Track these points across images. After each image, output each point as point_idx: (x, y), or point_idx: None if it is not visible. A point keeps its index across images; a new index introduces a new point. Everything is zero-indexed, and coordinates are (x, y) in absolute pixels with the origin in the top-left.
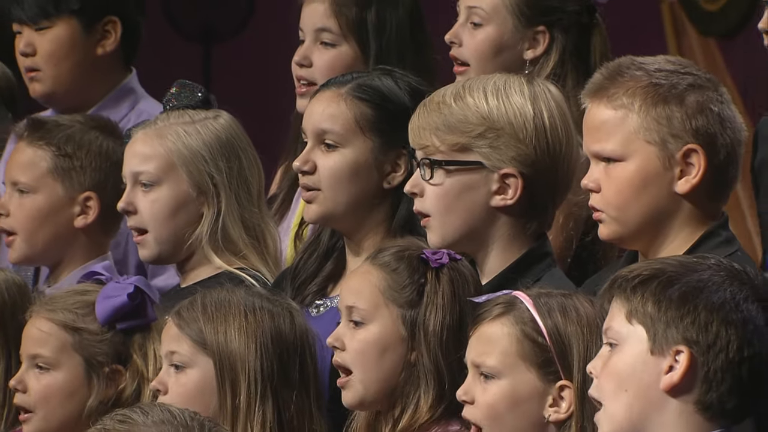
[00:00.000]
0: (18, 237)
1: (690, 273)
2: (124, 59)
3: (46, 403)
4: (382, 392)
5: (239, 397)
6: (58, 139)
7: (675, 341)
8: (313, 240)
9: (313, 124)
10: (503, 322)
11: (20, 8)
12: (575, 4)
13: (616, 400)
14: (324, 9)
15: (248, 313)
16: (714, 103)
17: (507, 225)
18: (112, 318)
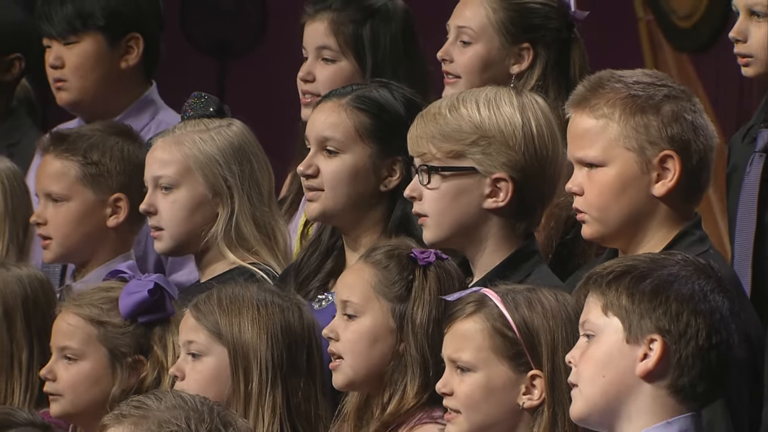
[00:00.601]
0: (54, 241)
1: (660, 268)
2: (145, 72)
3: (74, 390)
4: (371, 377)
5: (251, 384)
6: (83, 149)
7: (649, 331)
8: (315, 239)
9: (315, 132)
10: (475, 319)
11: (50, 24)
12: (556, 21)
13: (593, 384)
14: (324, 28)
15: (260, 307)
16: (688, 113)
17: (498, 225)
18: (134, 312)
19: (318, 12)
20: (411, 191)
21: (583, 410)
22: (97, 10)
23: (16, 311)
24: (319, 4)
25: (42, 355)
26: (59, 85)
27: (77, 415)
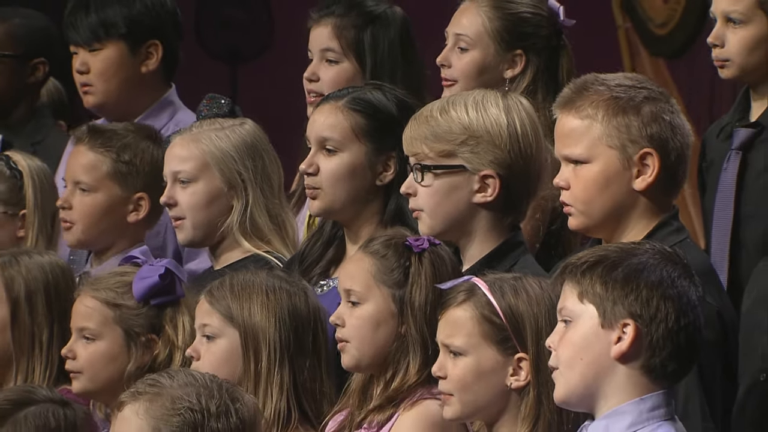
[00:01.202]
0: (76, 226)
1: (630, 257)
2: (164, 76)
3: (92, 368)
4: (376, 358)
5: (261, 363)
6: (117, 147)
7: (622, 316)
8: (318, 230)
9: (315, 132)
10: (465, 307)
11: (76, 32)
12: (546, 29)
13: (572, 367)
14: (328, 32)
15: (269, 292)
16: (666, 113)
17: (486, 218)
18: (147, 295)
19: (323, 17)
20: (406, 188)
21: (564, 393)
22: (119, 20)
23: (38, 295)
24: (324, 10)
25: (62, 336)
26: (85, 89)
27: (96, 391)
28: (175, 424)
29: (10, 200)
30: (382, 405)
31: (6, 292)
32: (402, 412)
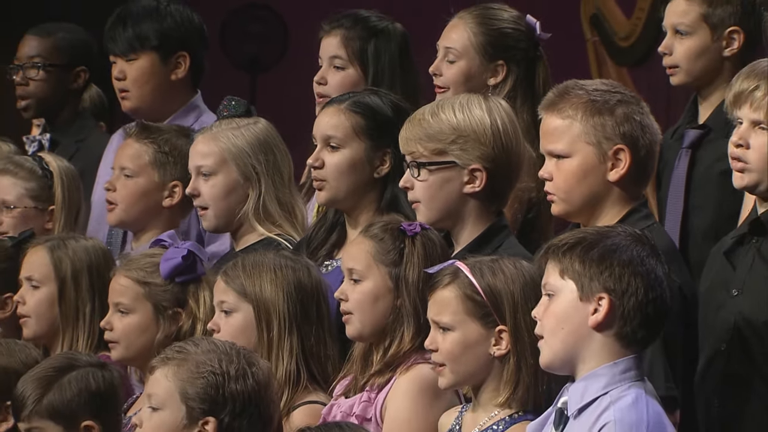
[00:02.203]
0: (119, 207)
1: (605, 239)
2: (191, 83)
3: (126, 337)
4: (376, 328)
5: (272, 332)
6: (159, 140)
7: (598, 290)
8: (322, 216)
9: (320, 131)
10: (450, 288)
11: (115, 45)
12: (525, 43)
13: (554, 335)
14: (336, 41)
15: (276, 269)
16: (637, 114)
17: (475, 206)
18: (172, 274)
19: (332, 28)
20: (405, 182)
21: (549, 358)
22: (152, 33)
23: (82, 274)
24: (334, 23)
25: (102, 310)
26: (123, 94)
27: (131, 358)
28: (199, 385)
29: (40, 197)
30: (382, 370)
31: (55, 271)
32: (398, 375)
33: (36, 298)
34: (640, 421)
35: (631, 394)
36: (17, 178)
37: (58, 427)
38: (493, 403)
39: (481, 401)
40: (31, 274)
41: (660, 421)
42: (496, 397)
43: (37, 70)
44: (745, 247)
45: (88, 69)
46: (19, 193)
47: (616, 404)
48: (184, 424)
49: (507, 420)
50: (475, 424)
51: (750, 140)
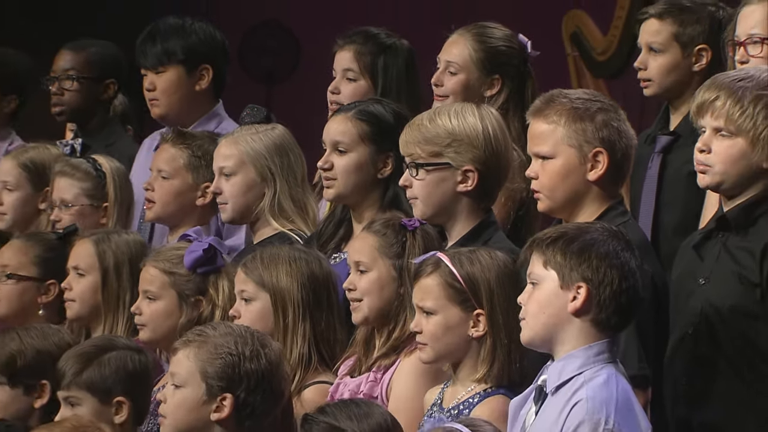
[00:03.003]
0: (156, 205)
1: (584, 234)
2: (214, 93)
3: (153, 321)
4: (381, 314)
5: (288, 318)
6: (193, 145)
7: (577, 280)
8: (331, 213)
9: (330, 137)
10: (433, 277)
11: (145, 59)
12: (517, 59)
13: (537, 318)
14: (349, 56)
15: (291, 261)
16: (614, 121)
17: (467, 204)
18: (194, 265)
19: (346, 44)
20: (404, 181)
21: (530, 336)
22: (178, 49)
23: (123, 265)
24: (347, 38)
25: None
26: (152, 103)
27: (157, 340)
28: (217, 365)
29: (95, 195)
30: (387, 352)
31: (99, 262)
32: (403, 357)
33: (81, 285)
34: (610, 399)
35: (603, 374)
36: (74, 179)
37: (93, 399)
38: (471, 379)
39: (459, 377)
40: (77, 264)
41: (628, 399)
42: (473, 373)
43: (71, 82)
44: (712, 241)
45: (117, 81)
46: (75, 192)
47: (589, 383)
48: (204, 399)
49: (482, 393)
50: (454, 398)
51: (712, 145)
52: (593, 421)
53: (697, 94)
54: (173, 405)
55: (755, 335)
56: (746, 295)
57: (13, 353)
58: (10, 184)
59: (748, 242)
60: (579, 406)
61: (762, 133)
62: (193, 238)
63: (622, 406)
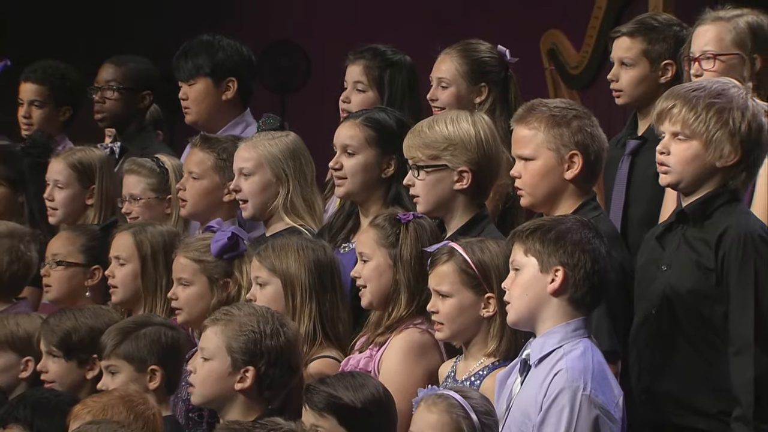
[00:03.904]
0: (189, 203)
1: (559, 224)
2: (241, 102)
3: (188, 304)
4: (382, 298)
5: (296, 300)
6: (219, 148)
7: (554, 264)
8: (341, 208)
9: (340, 140)
10: (448, 264)
11: (179, 72)
12: (499, 67)
13: (520, 300)
14: (359, 69)
15: (299, 250)
16: (588, 127)
17: (462, 200)
18: (220, 252)
19: (356, 59)
20: (407, 181)
21: (515, 317)
22: (206, 64)
23: (159, 254)
24: (357, 54)
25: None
26: (185, 110)
27: (192, 321)
28: (241, 341)
29: (159, 189)
30: (383, 332)
31: (137, 252)
32: (393, 336)
33: (123, 272)
34: (587, 368)
35: (580, 347)
36: (141, 176)
37: (130, 368)
38: (482, 354)
39: (471, 352)
40: (118, 254)
41: (603, 369)
42: (483, 348)
43: (112, 92)
44: (673, 232)
45: (152, 92)
46: (142, 187)
47: (568, 355)
48: (229, 371)
49: (490, 366)
50: (466, 370)
51: (671, 148)
52: (572, 388)
53: (657, 103)
54: (202, 375)
55: (710, 315)
56: (703, 279)
57: (69, 330)
58: (61, 182)
59: (705, 233)
60: (560, 375)
61: (714, 135)
62: (216, 229)
63: (598, 375)
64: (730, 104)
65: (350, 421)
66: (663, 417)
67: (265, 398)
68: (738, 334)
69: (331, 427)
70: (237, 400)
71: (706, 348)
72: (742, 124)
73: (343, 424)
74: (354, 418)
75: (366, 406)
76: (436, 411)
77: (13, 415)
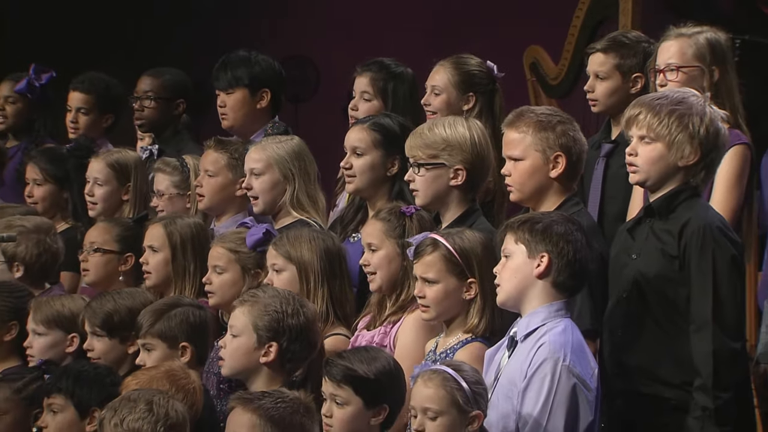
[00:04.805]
0: (205, 198)
1: (546, 218)
2: (272, 111)
3: (221, 289)
4: (391, 283)
5: (310, 284)
6: (230, 149)
7: (541, 251)
8: (351, 202)
9: (350, 143)
10: (433, 254)
11: (218, 82)
12: (487, 80)
13: (510, 283)
14: (366, 81)
15: (311, 239)
16: (570, 131)
17: (457, 195)
18: (255, 245)
19: (363, 71)
20: (408, 177)
21: (504, 298)
22: (244, 75)
23: (187, 243)
24: (365, 67)
25: (201, 269)
26: (223, 117)
27: (223, 304)
28: (266, 320)
29: (181, 186)
30: (396, 311)
31: (168, 240)
32: (406, 315)
33: (155, 259)
34: (567, 342)
35: (561, 325)
36: (166, 173)
37: (163, 345)
38: (461, 330)
39: (452, 329)
40: (151, 243)
41: (581, 344)
42: (463, 326)
43: (150, 101)
44: (642, 225)
45: (185, 100)
46: (167, 184)
47: (551, 331)
48: (255, 346)
49: (463, 341)
50: (445, 345)
51: (638, 150)
52: (554, 359)
53: (626, 110)
54: (230, 350)
55: (675, 297)
56: (668, 266)
57: (110, 312)
58: (100, 180)
59: (669, 225)
60: (543, 348)
61: (676, 138)
62: (250, 225)
63: (576, 348)
64: (690, 110)
65: (364, 391)
66: (633, 387)
67: (287, 370)
68: (698, 314)
69: (347, 396)
70: (262, 372)
71: (670, 326)
72: (701, 128)
73: (358, 393)
74: (368, 388)
75: (378, 377)
76: (432, 385)
77: (57, 385)
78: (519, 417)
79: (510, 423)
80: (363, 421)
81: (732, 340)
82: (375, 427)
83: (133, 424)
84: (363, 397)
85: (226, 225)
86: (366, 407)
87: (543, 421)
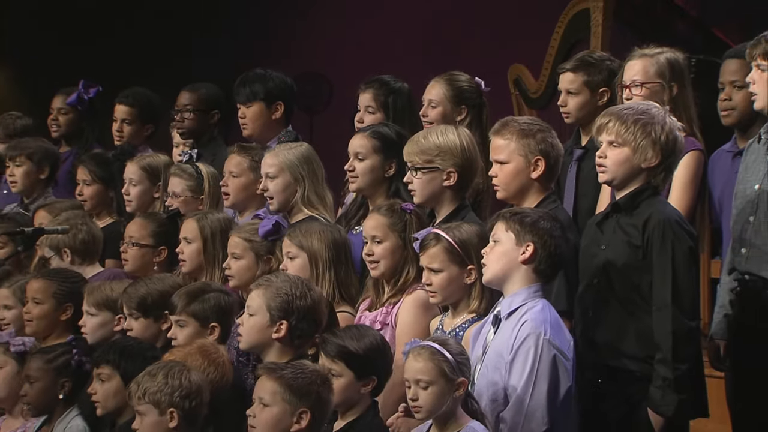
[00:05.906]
0: (230, 196)
1: (533, 213)
2: (285, 121)
3: (238, 273)
4: (392, 271)
5: (319, 269)
6: (251, 153)
7: (526, 240)
8: (354, 199)
9: (352, 148)
10: (437, 247)
11: (238, 97)
12: (476, 94)
13: (497, 264)
14: (369, 96)
15: (320, 231)
16: (549, 138)
17: (449, 194)
18: (266, 235)
19: (366, 88)
20: (407, 179)
21: (489, 277)
22: (260, 90)
23: (217, 235)
24: (368, 84)
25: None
26: (243, 127)
27: (241, 286)
28: (277, 301)
29: (196, 190)
30: (395, 294)
31: (200, 233)
32: (405, 296)
33: (189, 249)
34: (546, 319)
35: (540, 304)
36: (182, 178)
37: (195, 323)
38: (466, 311)
39: (457, 310)
40: (186, 235)
41: (558, 320)
42: (467, 307)
43: (189, 113)
44: (609, 220)
45: (220, 112)
46: (182, 187)
47: (531, 310)
48: (268, 324)
49: (470, 320)
50: (452, 324)
51: (607, 153)
52: (536, 333)
53: (597, 119)
54: (247, 327)
55: (639, 282)
56: (633, 255)
57: (144, 295)
58: (135, 180)
59: (634, 220)
60: (526, 324)
61: (640, 143)
62: (263, 217)
63: (555, 324)
64: (652, 120)
65: (355, 364)
66: (601, 360)
67: (296, 345)
68: (659, 297)
69: (341, 370)
70: (274, 346)
71: (634, 308)
72: (662, 136)
73: (350, 367)
74: (358, 362)
75: (367, 353)
76: (421, 360)
77: (105, 358)
78: (507, 385)
79: (499, 390)
80: (354, 390)
81: (689, 320)
82: (365, 396)
83: (153, 396)
84: (354, 370)
85: (248, 219)
86: (357, 378)
87: (529, 388)
